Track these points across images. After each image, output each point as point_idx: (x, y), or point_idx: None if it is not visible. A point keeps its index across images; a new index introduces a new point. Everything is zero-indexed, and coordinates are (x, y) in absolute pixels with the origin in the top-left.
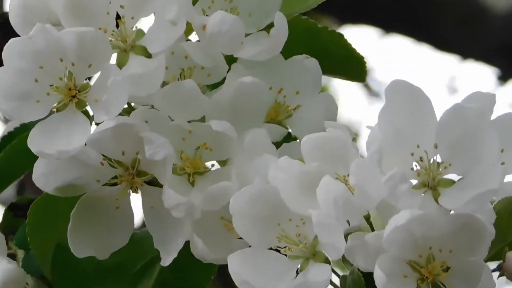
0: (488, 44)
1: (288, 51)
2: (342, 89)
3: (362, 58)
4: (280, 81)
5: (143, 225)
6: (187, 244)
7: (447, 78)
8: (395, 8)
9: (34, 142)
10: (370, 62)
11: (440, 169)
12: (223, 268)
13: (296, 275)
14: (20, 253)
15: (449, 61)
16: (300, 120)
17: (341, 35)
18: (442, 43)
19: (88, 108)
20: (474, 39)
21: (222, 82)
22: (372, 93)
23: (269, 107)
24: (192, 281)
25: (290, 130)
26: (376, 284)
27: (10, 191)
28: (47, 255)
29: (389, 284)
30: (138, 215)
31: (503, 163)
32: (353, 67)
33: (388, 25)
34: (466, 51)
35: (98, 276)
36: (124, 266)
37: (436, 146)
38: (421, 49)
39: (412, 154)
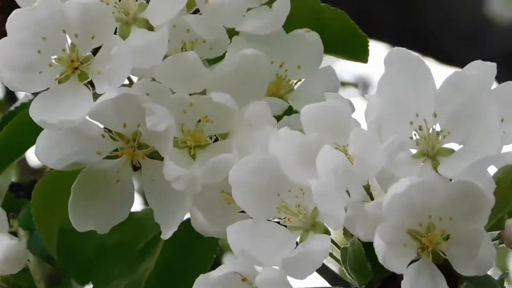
0: (492, 58)
1: (289, 29)
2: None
3: (365, 37)
4: (281, 55)
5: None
6: (189, 222)
7: None
8: (400, 23)
9: (36, 112)
10: (375, 77)
11: (440, 138)
12: None
13: (296, 246)
14: (21, 232)
15: None
16: (301, 95)
17: (344, 14)
18: (447, 58)
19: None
20: (478, 53)
21: (223, 57)
22: None
23: (270, 82)
24: (195, 259)
25: (291, 104)
26: (376, 252)
27: None
28: (53, 236)
29: (389, 252)
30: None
31: (503, 133)
32: (355, 46)
33: (394, 40)
34: None
35: (100, 257)
36: (126, 245)
37: (435, 115)
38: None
39: (411, 123)
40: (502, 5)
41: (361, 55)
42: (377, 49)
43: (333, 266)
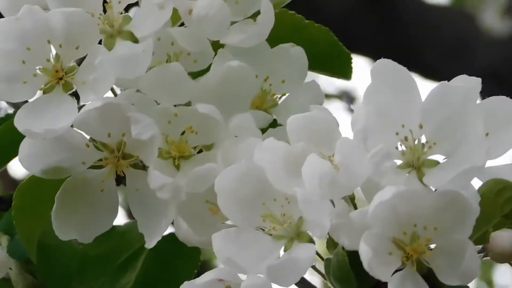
0: (478, 72)
1: (274, 46)
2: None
3: (348, 54)
4: (266, 69)
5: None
6: (170, 236)
7: None
8: (384, 37)
9: (21, 122)
10: (359, 91)
11: (425, 149)
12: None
13: (280, 256)
14: (3, 240)
15: None
16: (285, 109)
17: (328, 31)
18: (430, 72)
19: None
20: (463, 68)
21: (207, 70)
22: None
23: (255, 95)
24: (176, 273)
25: (276, 118)
26: (362, 259)
27: None
28: (33, 239)
29: (375, 259)
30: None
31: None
32: (339, 63)
33: (378, 54)
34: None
35: (81, 270)
36: (108, 258)
37: (421, 126)
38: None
39: (397, 134)
40: (493, 18)
41: (345, 72)
42: (361, 64)
43: (316, 280)
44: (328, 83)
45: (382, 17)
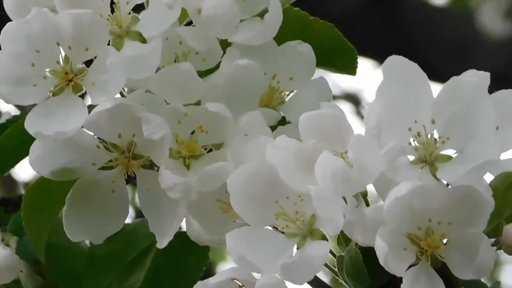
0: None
1: (278, 41)
2: None
3: (353, 50)
4: (273, 67)
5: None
6: (179, 234)
7: None
8: (388, 39)
9: (31, 124)
10: (365, 94)
11: (438, 144)
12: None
13: (293, 254)
14: (13, 242)
15: None
16: (294, 106)
17: (332, 26)
18: (434, 73)
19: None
20: (466, 69)
21: (215, 69)
22: None
23: (263, 93)
24: (185, 271)
25: (284, 115)
26: (378, 254)
27: None
28: (42, 240)
29: (390, 254)
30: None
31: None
32: (344, 59)
33: (381, 56)
34: None
35: (90, 269)
36: (117, 257)
37: (433, 121)
38: None
39: (410, 129)
40: (494, 20)
41: (350, 68)
42: (365, 66)
43: (324, 278)
44: (333, 85)
45: (386, 19)
